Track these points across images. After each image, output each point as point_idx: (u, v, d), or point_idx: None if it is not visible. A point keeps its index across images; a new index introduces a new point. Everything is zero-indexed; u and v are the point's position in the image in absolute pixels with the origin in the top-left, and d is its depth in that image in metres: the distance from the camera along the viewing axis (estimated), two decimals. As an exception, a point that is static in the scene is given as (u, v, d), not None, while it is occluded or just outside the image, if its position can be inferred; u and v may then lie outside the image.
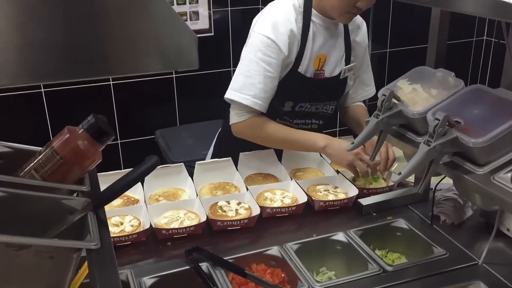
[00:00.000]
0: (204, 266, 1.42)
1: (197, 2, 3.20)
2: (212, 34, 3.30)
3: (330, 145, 1.79)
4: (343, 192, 1.78)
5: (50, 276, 0.78)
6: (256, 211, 1.64)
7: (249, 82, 1.74)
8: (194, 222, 1.59)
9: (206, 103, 3.34)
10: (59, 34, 0.61)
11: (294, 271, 1.42)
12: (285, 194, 1.76)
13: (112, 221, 1.57)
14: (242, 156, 1.93)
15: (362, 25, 1.94)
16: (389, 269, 1.43)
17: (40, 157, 0.91)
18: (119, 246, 1.52)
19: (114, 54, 0.65)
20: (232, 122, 1.83)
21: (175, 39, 0.68)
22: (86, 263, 0.90)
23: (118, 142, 3.30)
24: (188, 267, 1.44)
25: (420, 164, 1.17)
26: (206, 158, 2.14)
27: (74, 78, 0.65)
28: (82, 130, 0.91)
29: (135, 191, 1.76)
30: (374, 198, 1.75)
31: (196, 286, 1.37)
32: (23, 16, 0.59)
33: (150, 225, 1.57)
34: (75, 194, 0.93)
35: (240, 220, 1.61)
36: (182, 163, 1.89)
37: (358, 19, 1.92)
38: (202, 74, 3.32)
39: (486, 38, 3.80)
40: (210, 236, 1.60)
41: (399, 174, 1.19)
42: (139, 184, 1.75)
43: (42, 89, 3.02)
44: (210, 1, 3.23)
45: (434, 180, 1.59)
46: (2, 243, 0.71)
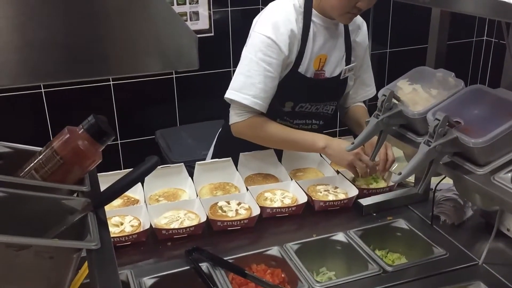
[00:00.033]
0: (204, 266, 1.42)
1: (197, 2, 3.20)
2: (212, 34, 3.30)
3: (330, 145, 1.79)
4: (343, 192, 1.78)
5: (50, 276, 0.78)
6: (256, 211, 1.64)
7: (249, 82, 1.74)
8: (194, 222, 1.59)
9: (206, 103, 3.34)
10: (59, 34, 0.61)
11: (294, 271, 1.42)
12: (285, 194, 1.76)
13: (112, 221, 1.57)
14: (242, 156, 1.93)
15: (362, 25, 1.94)
16: (389, 269, 1.43)
17: (40, 157, 0.91)
18: (119, 246, 1.52)
19: (114, 54, 0.65)
20: (232, 122, 1.83)
21: (175, 39, 0.68)
22: (86, 263, 0.90)
23: (118, 142, 3.30)
24: (188, 267, 1.44)
25: (420, 164, 1.17)
26: (206, 158, 2.14)
27: (74, 78, 0.65)
28: (82, 130, 0.91)
29: (135, 191, 1.76)
30: (374, 198, 1.75)
31: (196, 286, 1.37)
32: (23, 16, 0.59)
33: (150, 225, 1.57)
34: (75, 194, 0.93)
35: (240, 220, 1.61)
36: (182, 163, 1.88)
37: (359, 20, 1.92)
38: (202, 74, 3.32)
39: (486, 38, 3.80)
40: (210, 236, 1.60)
41: (399, 174, 1.19)
42: (139, 184, 1.75)
43: (42, 89, 3.03)
44: (210, 1, 3.23)
45: (434, 180, 1.58)
46: (2, 243, 0.71)
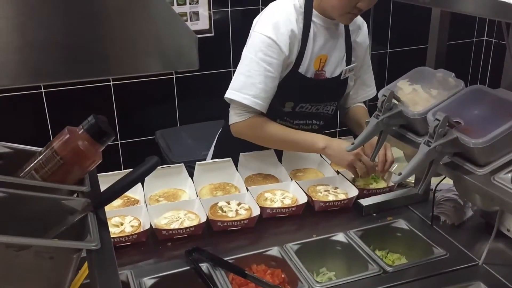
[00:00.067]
0: (204, 266, 1.42)
1: (197, 2, 3.20)
2: (212, 34, 3.30)
3: (330, 145, 1.78)
4: (343, 192, 1.78)
5: (50, 276, 0.78)
6: (256, 212, 1.64)
7: (249, 82, 1.74)
8: (194, 223, 1.59)
9: (206, 104, 3.34)
10: (59, 34, 0.61)
11: (294, 272, 1.42)
12: (285, 194, 1.76)
13: (112, 221, 1.57)
14: (242, 156, 1.93)
15: (362, 25, 1.94)
16: (389, 269, 1.43)
17: (40, 157, 0.91)
18: (119, 247, 1.52)
19: (114, 55, 0.65)
20: (231, 122, 1.83)
21: (175, 40, 0.68)
22: (86, 264, 0.90)
23: (118, 142, 3.30)
24: (188, 268, 1.44)
25: (420, 164, 1.17)
26: (206, 159, 2.14)
27: (74, 78, 0.65)
28: (82, 130, 0.91)
29: (135, 192, 1.76)
30: (374, 199, 1.75)
31: (196, 287, 1.37)
32: (23, 16, 0.59)
33: (150, 225, 1.57)
34: (75, 195, 0.93)
35: (240, 220, 1.60)
36: (182, 164, 1.88)
37: (359, 20, 1.92)
38: (202, 75, 3.32)
39: (486, 38, 3.80)
40: (210, 236, 1.60)
41: (399, 174, 1.19)
42: (139, 184, 1.75)
43: (42, 89, 3.02)
44: (210, 1, 3.23)
45: (434, 180, 1.58)
46: (2, 244, 0.71)
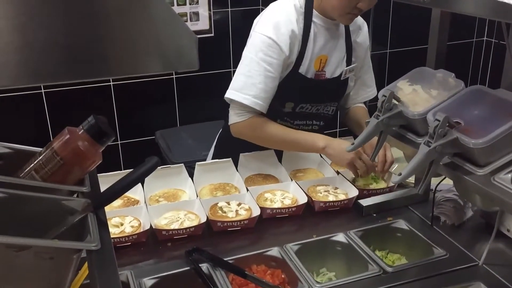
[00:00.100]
0: (204, 267, 1.42)
1: (197, 3, 3.20)
2: (212, 34, 3.30)
3: (330, 145, 1.78)
4: (343, 193, 1.78)
5: (50, 277, 0.78)
6: (256, 212, 1.64)
7: (250, 82, 1.74)
8: (194, 223, 1.59)
9: (206, 104, 3.34)
10: (59, 35, 0.61)
11: (294, 272, 1.42)
12: (285, 195, 1.76)
13: (112, 222, 1.57)
14: (242, 157, 1.93)
15: (363, 26, 1.94)
16: (389, 270, 1.43)
17: (40, 158, 0.91)
18: (119, 247, 1.52)
19: (114, 55, 0.65)
20: (231, 122, 1.83)
21: (175, 40, 0.68)
22: (86, 264, 0.90)
23: (118, 143, 3.30)
24: (188, 268, 1.44)
25: (420, 165, 1.17)
26: (206, 159, 2.14)
27: (75, 79, 0.65)
28: (83, 131, 0.91)
29: (135, 192, 1.76)
30: (374, 199, 1.75)
31: (196, 287, 1.37)
32: (23, 16, 0.59)
33: (150, 226, 1.56)
34: (75, 195, 0.93)
35: (240, 221, 1.60)
36: (182, 164, 1.89)
37: (359, 20, 1.92)
38: (202, 75, 3.32)
39: (486, 38, 3.80)
40: (210, 237, 1.60)
41: (399, 175, 1.19)
42: (139, 185, 1.75)
43: (42, 89, 3.03)
44: (210, 1, 3.23)
45: (434, 181, 1.58)
46: (2, 244, 0.71)
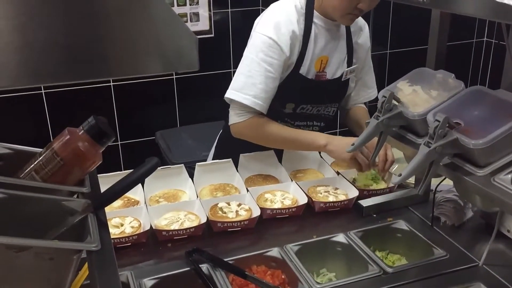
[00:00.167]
0: (204, 267, 1.42)
1: (197, 3, 3.20)
2: (212, 35, 3.30)
3: (331, 142, 1.79)
4: (344, 193, 1.78)
5: (50, 277, 0.78)
6: (256, 213, 1.64)
7: (250, 82, 1.73)
8: (195, 224, 1.59)
9: (206, 104, 3.34)
10: (59, 35, 0.61)
11: (294, 273, 1.42)
12: (285, 195, 1.76)
13: (112, 222, 1.57)
14: (242, 157, 1.93)
15: (364, 27, 1.94)
16: (389, 270, 1.43)
17: (40, 158, 0.91)
18: (120, 248, 1.52)
19: (114, 55, 0.65)
20: (231, 122, 1.83)
21: (175, 41, 0.68)
22: (86, 265, 0.90)
23: (119, 143, 3.30)
24: (188, 269, 1.44)
25: (420, 165, 1.17)
26: (207, 160, 2.13)
27: (75, 79, 0.65)
28: (83, 131, 0.91)
29: (136, 193, 1.76)
30: (375, 200, 1.75)
31: (196, 288, 1.38)
32: (23, 16, 0.59)
33: (151, 226, 1.56)
34: (76, 196, 0.93)
35: (240, 221, 1.60)
36: (182, 165, 1.88)
37: (360, 21, 1.92)
38: (203, 75, 3.32)
39: (486, 39, 3.80)
40: (210, 237, 1.60)
41: (400, 175, 1.19)
42: (140, 185, 1.74)
43: (42, 90, 3.03)
44: (210, 2, 3.23)
45: (434, 181, 1.58)
46: (3, 245, 0.71)
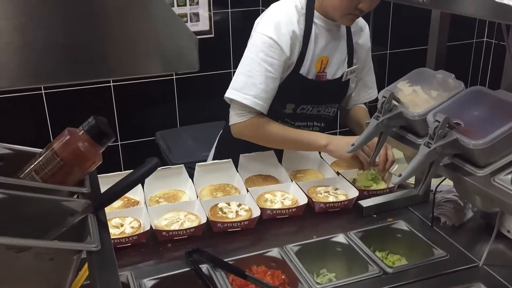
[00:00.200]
0: (204, 267, 1.42)
1: (197, 3, 3.21)
2: (212, 35, 3.30)
3: (332, 142, 1.79)
4: (344, 193, 1.78)
5: (50, 277, 0.78)
6: (256, 213, 1.64)
7: (250, 82, 1.73)
8: (195, 224, 1.59)
9: (206, 105, 3.35)
10: (59, 35, 0.61)
11: (294, 273, 1.42)
12: (285, 195, 1.76)
13: (112, 222, 1.57)
14: (242, 158, 1.93)
15: (364, 27, 1.94)
16: (389, 271, 1.43)
17: (40, 158, 0.91)
18: (120, 248, 1.52)
19: (114, 56, 0.65)
20: (232, 123, 1.83)
21: (175, 41, 0.68)
22: (86, 265, 0.90)
23: (119, 143, 3.30)
24: (188, 269, 1.44)
25: (420, 166, 1.17)
26: (207, 160, 2.13)
27: (75, 79, 0.65)
28: (83, 131, 0.91)
29: (136, 193, 1.76)
30: (375, 200, 1.75)
31: (196, 288, 1.38)
32: (23, 16, 0.59)
33: (151, 226, 1.56)
34: (76, 196, 0.93)
35: (240, 221, 1.60)
36: (182, 165, 1.88)
37: (361, 22, 1.92)
38: (203, 75, 3.32)
39: (486, 39, 3.80)
40: (211, 237, 1.60)
41: (400, 175, 1.19)
42: (140, 185, 1.74)
43: (42, 90, 3.03)
44: (210, 2, 3.23)
45: (434, 181, 1.58)
46: (3, 245, 0.71)
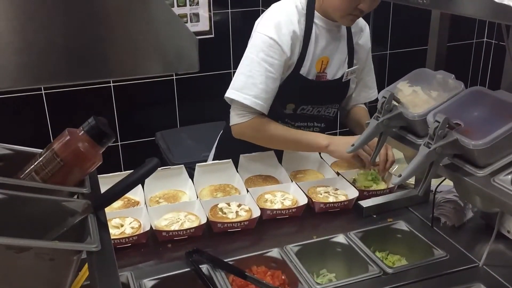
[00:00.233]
0: (204, 268, 1.42)
1: (197, 4, 3.21)
2: (212, 36, 3.30)
3: (332, 142, 1.79)
4: (344, 194, 1.78)
5: (50, 278, 0.78)
6: (256, 213, 1.64)
7: (250, 82, 1.73)
8: (195, 224, 1.59)
9: (206, 105, 3.35)
10: (59, 36, 0.61)
11: (294, 273, 1.42)
12: (285, 196, 1.76)
13: (112, 223, 1.57)
14: (242, 158, 1.93)
15: (365, 28, 1.94)
16: (389, 271, 1.43)
17: (40, 159, 0.91)
18: (120, 248, 1.52)
19: (115, 56, 0.66)
20: (232, 123, 1.83)
21: (175, 41, 0.68)
22: (86, 265, 0.90)
23: (119, 144, 3.30)
24: (188, 269, 1.44)
25: (420, 166, 1.17)
26: (207, 160, 2.13)
27: (75, 80, 0.66)
28: (83, 132, 0.91)
29: (136, 193, 1.76)
30: (375, 200, 1.75)
31: (196, 288, 1.38)
32: (23, 17, 0.59)
33: (151, 227, 1.56)
34: (76, 196, 0.93)
35: (240, 222, 1.60)
36: (182, 165, 1.88)
37: (361, 22, 1.92)
38: (203, 76, 3.32)
39: (486, 40, 3.80)
40: (211, 238, 1.60)
41: (400, 176, 1.19)
42: (140, 186, 1.74)
43: (42, 90, 3.03)
44: (210, 3, 3.23)
45: (434, 182, 1.58)
46: (3, 245, 0.71)
